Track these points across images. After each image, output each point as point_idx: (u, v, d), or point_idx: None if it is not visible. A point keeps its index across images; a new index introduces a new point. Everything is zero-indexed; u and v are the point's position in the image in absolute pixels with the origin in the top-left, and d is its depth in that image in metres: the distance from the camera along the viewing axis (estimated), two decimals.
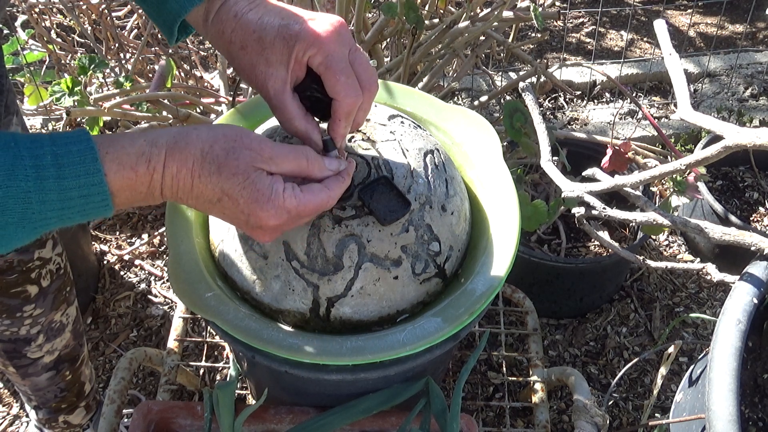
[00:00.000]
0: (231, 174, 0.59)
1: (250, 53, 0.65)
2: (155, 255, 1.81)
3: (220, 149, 0.60)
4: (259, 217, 0.61)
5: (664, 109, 2.22)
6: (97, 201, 0.55)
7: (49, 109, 1.83)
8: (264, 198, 0.61)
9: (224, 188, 0.60)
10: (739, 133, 0.82)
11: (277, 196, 0.61)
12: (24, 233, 0.54)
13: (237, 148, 0.60)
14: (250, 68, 0.66)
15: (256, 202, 0.60)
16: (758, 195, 1.83)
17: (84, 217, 0.56)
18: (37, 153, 0.53)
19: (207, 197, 0.61)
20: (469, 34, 1.47)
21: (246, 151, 0.60)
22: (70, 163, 0.53)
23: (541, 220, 1.25)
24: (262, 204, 0.61)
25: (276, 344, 0.71)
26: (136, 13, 2.01)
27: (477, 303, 0.74)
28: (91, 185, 0.54)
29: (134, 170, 0.56)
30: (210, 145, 0.59)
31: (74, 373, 1.24)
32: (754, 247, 0.92)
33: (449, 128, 0.91)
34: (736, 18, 2.65)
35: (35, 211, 0.53)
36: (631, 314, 1.67)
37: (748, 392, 0.95)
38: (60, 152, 0.53)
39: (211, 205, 0.62)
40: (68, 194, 0.53)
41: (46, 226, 0.55)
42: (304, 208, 0.63)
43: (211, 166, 0.59)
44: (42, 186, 0.52)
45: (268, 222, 0.62)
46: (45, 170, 0.53)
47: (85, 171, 0.54)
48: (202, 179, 0.59)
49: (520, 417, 1.44)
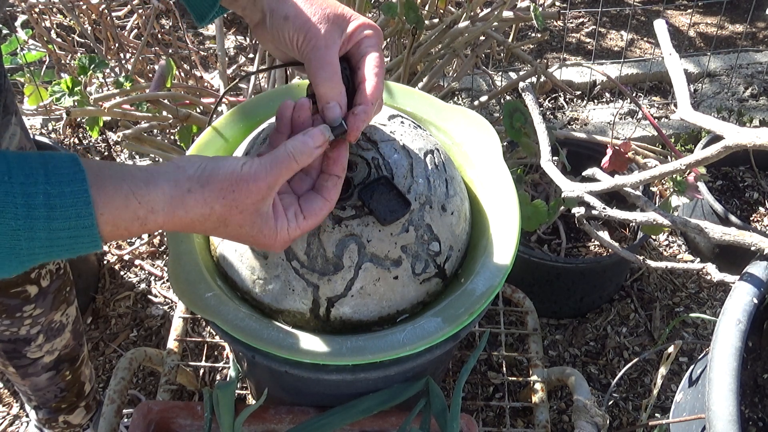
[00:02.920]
0: (237, 226, 0.62)
1: (301, 15, 0.68)
2: (155, 255, 1.81)
3: (221, 208, 0.60)
4: (268, 249, 0.66)
5: (664, 109, 2.22)
6: (87, 242, 0.55)
7: (49, 109, 1.83)
8: (271, 239, 0.64)
9: (231, 236, 0.64)
10: (739, 133, 0.82)
11: (283, 233, 0.65)
12: (11, 266, 0.54)
13: (237, 200, 0.60)
14: (295, 27, 0.68)
15: (265, 244, 0.65)
16: (758, 195, 1.83)
17: (72, 254, 0.55)
18: (29, 191, 0.51)
19: (213, 235, 0.65)
20: (469, 34, 1.47)
21: (247, 200, 0.61)
22: (62, 206, 0.52)
23: (541, 220, 1.25)
24: (270, 244, 0.65)
25: (276, 344, 0.71)
26: (136, 13, 2.01)
27: (477, 303, 0.74)
28: (81, 228, 0.53)
29: (128, 230, 0.57)
30: (210, 207, 0.60)
31: (74, 373, 1.24)
32: (754, 247, 0.92)
33: (449, 128, 0.91)
34: (736, 18, 2.65)
35: (23, 248, 0.52)
36: (631, 314, 1.67)
37: (748, 392, 0.95)
38: (53, 192, 0.52)
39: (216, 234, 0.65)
40: (57, 234, 0.53)
41: (34, 260, 0.54)
42: (307, 229, 0.67)
43: (216, 223, 0.61)
44: (31, 225, 0.52)
45: (276, 251, 0.69)
46: (36, 210, 0.52)
47: (77, 214, 0.53)
48: (207, 232, 0.63)
49: (520, 417, 1.44)
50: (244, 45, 2.39)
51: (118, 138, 1.98)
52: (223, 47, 1.78)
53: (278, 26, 0.68)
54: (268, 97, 0.93)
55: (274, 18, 0.68)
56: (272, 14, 0.69)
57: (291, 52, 0.70)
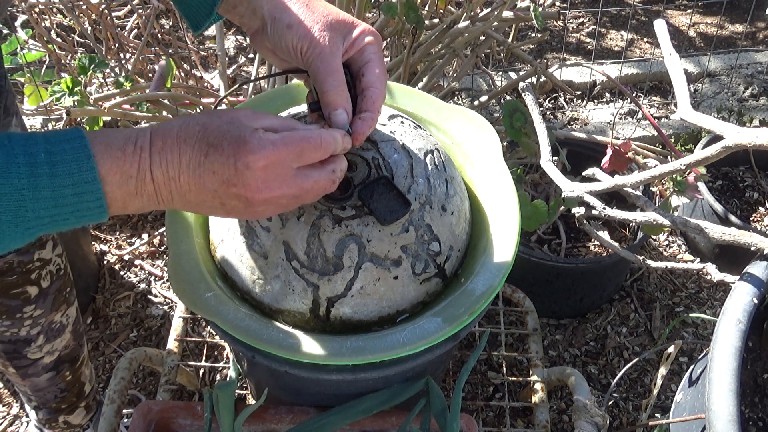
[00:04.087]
0: (215, 126, 0.59)
1: (304, 21, 0.68)
2: (155, 255, 1.81)
3: (202, 115, 0.61)
4: (245, 153, 0.59)
5: (664, 109, 2.22)
6: (91, 200, 0.55)
7: (49, 109, 1.83)
8: (247, 132, 0.59)
9: (209, 140, 0.59)
10: (739, 133, 0.82)
11: (259, 134, 0.60)
12: (18, 233, 0.54)
13: (221, 113, 0.62)
14: (298, 35, 0.67)
15: (239, 139, 0.59)
16: (758, 195, 1.83)
17: (78, 218, 0.56)
18: (30, 151, 0.53)
19: (195, 159, 0.59)
20: (469, 34, 1.47)
21: (229, 113, 0.61)
22: (64, 161, 0.54)
23: (541, 220, 1.25)
24: (244, 138, 0.59)
25: (276, 344, 0.71)
26: (136, 13, 2.01)
27: (477, 303, 0.74)
28: (84, 182, 0.54)
29: (122, 150, 0.57)
30: (192, 116, 0.61)
31: (74, 373, 1.24)
32: (754, 247, 0.92)
33: (449, 128, 0.91)
34: (736, 18, 2.65)
35: (29, 209, 0.53)
36: (631, 314, 1.67)
37: (748, 392, 0.95)
38: (53, 150, 0.54)
39: (201, 169, 0.59)
40: (61, 192, 0.54)
41: (41, 226, 0.55)
42: (291, 138, 0.61)
43: (196, 127, 0.60)
44: (35, 183, 0.53)
45: (256, 161, 0.59)
46: (38, 168, 0.53)
47: (79, 168, 0.54)
48: (188, 141, 0.59)
49: (520, 417, 1.44)
50: (244, 45, 2.39)
51: None
52: (223, 47, 1.78)
53: (280, 35, 0.68)
54: (268, 98, 0.94)
55: (275, 26, 0.68)
56: (274, 23, 0.68)
57: (293, 60, 0.70)
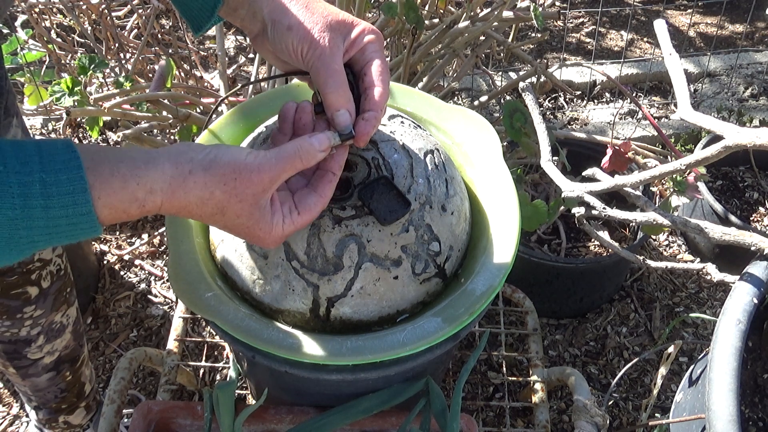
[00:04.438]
0: (234, 216, 0.62)
1: (304, 22, 0.68)
2: (155, 255, 1.81)
3: (221, 194, 0.60)
4: (261, 244, 0.66)
5: (664, 109, 2.22)
6: (86, 227, 0.55)
7: (49, 109, 1.83)
8: (264, 233, 0.64)
9: (227, 225, 0.63)
10: (739, 133, 0.82)
11: (278, 228, 0.64)
12: (12, 254, 0.54)
13: (238, 189, 0.60)
14: (298, 37, 0.67)
15: (259, 237, 0.64)
16: (758, 195, 1.83)
17: (72, 240, 0.55)
18: (24, 180, 0.51)
19: (208, 222, 0.64)
20: (469, 34, 1.47)
21: (248, 191, 0.60)
22: (59, 194, 0.52)
23: (541, 220, 1.25)
24: (264, 238, 0.64)
25: (276, 344, 0.71)
26: (136, 13, 2.01)
27: (477, 303, 0.74)
28: (79, 215, 0.54)
29: (126, 213, 0.56)
30: (210, 192, 0.59)
31: (74, 373, 1.24)
32: (754, 247, 0.92)
33: (449, 128, 0.91)
34: (736, 18, 2.65)
35: (22, 236, 0.53)
36: (631, 314, 1.67)
37: (748, 392, 0.95)
38: (49, 180, 0.52)
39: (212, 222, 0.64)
40: (55, 222, 0.53)
41: (34, 247, 0.54)
42: (301, 226, 0.67)
43: (214, 209, 0.60)
44: (29, 215, 0.52)
45: (269, 246, 0.67)
46: (32, 200, 0.52)
47: (74, 202, 0.53)
48: (203, 218, 0.62)
49: (520, 417, 1.44)
50: (244, 45, 2.39)
51: (118, 138, 1.98)
52: (223, 47, 1.78)
53: (281, 37, 0.68)
54: (268, 98, 0.94)
55: (276, 29, 0.68)
56: (274, 25, 0.68)
57: (294, 62, 0.70)
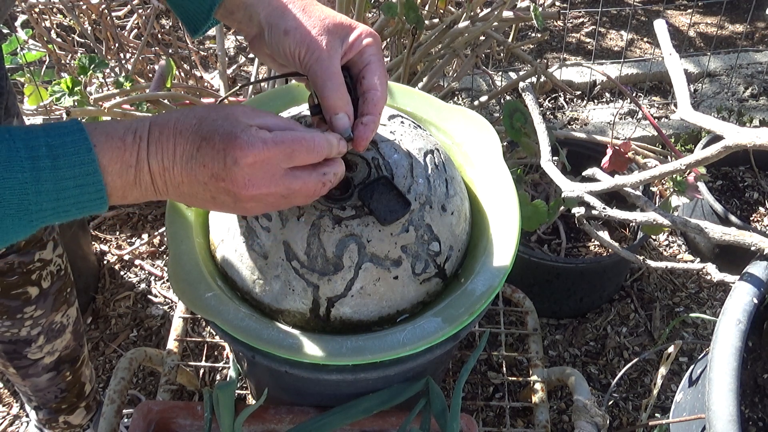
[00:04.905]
0: (211, 120, 0.60)
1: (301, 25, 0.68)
2: (155, 255, 1.81)
3: (201, 109, 0.62)
4: (234, 148, 0.59)
5: (664, 109, 2.22)
6: (92, 191, 0.56)
7: (49, 109, 1.83)
8: (238, 128, 0.59)
9: (203, 132, 0.59)
10: (739, 133, 0.82)
11: (251, 130, 0.60)
12: (21, 226, 0.55)
13: (218, 108, 0.62)
14: (295, 41, 0.67)
15: (230, 134, 0.59)
16: (758, 195, 1.83)
17: (79, 209, 0.57)
18: (32, 144, 0.54)
19: (188, 152, 0.59)
20: (469, 34, 1.47)
21: (227, 109, 0.62)
22: (65, 154, 0.55)
23: (541, 220, 1.25)
24: (235, 134, 0.59)
25: (276, 344, 0.71)
26: (136, 13, 2.01)
27: (477, 303, 0.74)
28: (86, 174, 0.55)
29: (122, 140, 0.58)
30: (191, 109, 0.62)
31: (74, 373, 1.24)
32: (754, 247, 0.92)
33: (449, 128, 0.91)
34: (736, 18, 2.65)
35: (32, 202, 0.54)
36: (631, 314, 1.67)
37: (748, 392, 0.95)
38: (54, 143, 0.54)
39: (194, 162, 0.60)
40: (64, 184, 0.55)
41: (43, 218, 0.55)
42: (283, 138, 0.61)
43: (192, 120, 0.60)
44: (38, 176, 0.54)
45: (245, 157, 0.59)
46: (40, 161, 0.54)
47: (80, 161, 0.55)
48: (183, 134, 0.59)
49: (520, 417, 1.44)
50: (244, 45, 2.39)
51: None
52: (223, 47, 1.78)
53: (278, 41, 0.68)
54: (268, 97, 0.94)
55: (273, 33, 0.68)
56: (271, 29, 0.68)
57: (292, 66, 0.70)
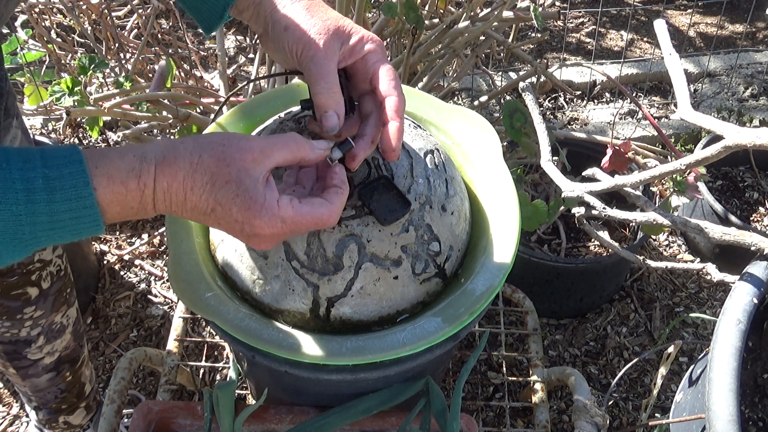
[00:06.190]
0: (224, 182, 0.59)
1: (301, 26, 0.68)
2: (155, 255, 1.81)
3: (209, 158, 0.59)
4: (253, 225, 0.61)
5: (664, 109, 2.22)
6: (88, 222, 0.55)
7: (49, 109, 1.83)
8: (257, 206, 0.60)
9: (218, 198, 0.59)
10: (739, 133, 0.82)
11: (271, 205, 0.61)
12: (15, 252, 0.54)
13: (226, 153, 0.60)
14: (294, 38, 0.68)
15: (249, 209, 0.60)
16: (758, 195, 1.83)
17: (75, 236, 0.56)
18: (28, 176, 0.52)
19: (201, 209, 0.60)
20: (469, 34, 1.47)
21: (236, 155, 0.60)
22: (62, 188, 0.53)
23: (541, 220, 1.25)
24: (255, 211, 0.60)
25: (276, 344, 0.71)
26: (136, 13, 2.01)
27: (477, 303, 0.74)
28: (82, 208, 0.54)
29: (125, 185, 0.56)
30: (199, 155, 0.59)
31: (74, 373, 1.24)
32: (754, 247, 0.92)
33: (449, 128, 0.91)
34: (736, 18, 2.65)
35: (26, 232, 0.53)
36: (631, 314, 1.67)
37: (748, 392, 0.95)
38: (51, 175, 0.53)
39: (206, 216, 0.61)
40: (59, 217, 0.54)
41: (37, 244, 0.55)
42: (301, 219, 0.62)
43: (204, 177, 0.59)
44: (33, 210, 0.53)
45: (262, 230, 0.61)
46: (36, 194, 0.52)
47: (77, 195, 0.54)
48: (195, 191, 0.59)
49: (520, 417, 1.44)
50: (244, 45, 2.39)
51: (118, 138, 1.98)
52: (223, 47, 1.79)
53: (278, 37, 0.69)
54: (268, 97, 0.94)
55: (274, 29, 0.69)
56: (273, 25, 0.69)
57: (290, 62, 0.70)
